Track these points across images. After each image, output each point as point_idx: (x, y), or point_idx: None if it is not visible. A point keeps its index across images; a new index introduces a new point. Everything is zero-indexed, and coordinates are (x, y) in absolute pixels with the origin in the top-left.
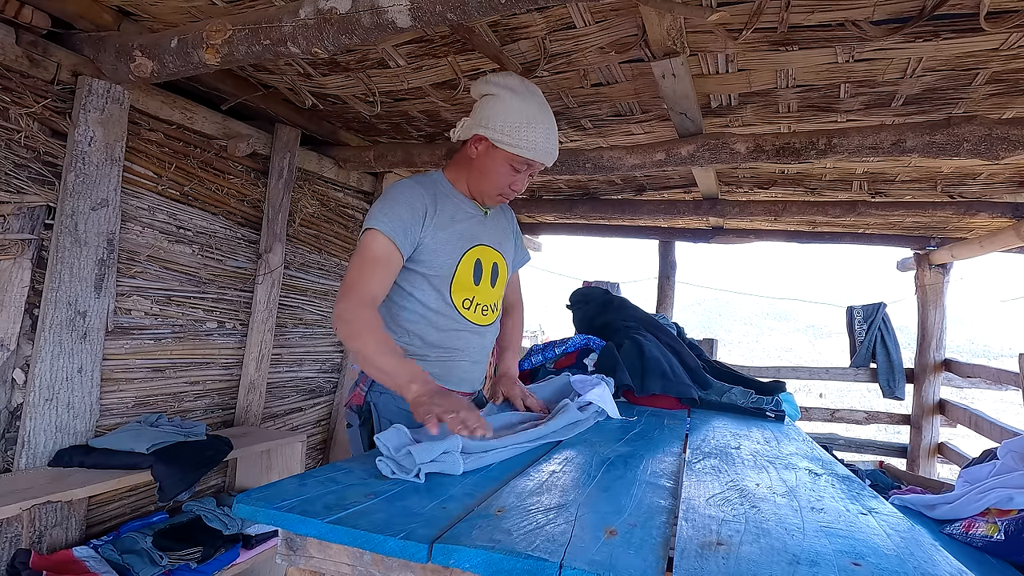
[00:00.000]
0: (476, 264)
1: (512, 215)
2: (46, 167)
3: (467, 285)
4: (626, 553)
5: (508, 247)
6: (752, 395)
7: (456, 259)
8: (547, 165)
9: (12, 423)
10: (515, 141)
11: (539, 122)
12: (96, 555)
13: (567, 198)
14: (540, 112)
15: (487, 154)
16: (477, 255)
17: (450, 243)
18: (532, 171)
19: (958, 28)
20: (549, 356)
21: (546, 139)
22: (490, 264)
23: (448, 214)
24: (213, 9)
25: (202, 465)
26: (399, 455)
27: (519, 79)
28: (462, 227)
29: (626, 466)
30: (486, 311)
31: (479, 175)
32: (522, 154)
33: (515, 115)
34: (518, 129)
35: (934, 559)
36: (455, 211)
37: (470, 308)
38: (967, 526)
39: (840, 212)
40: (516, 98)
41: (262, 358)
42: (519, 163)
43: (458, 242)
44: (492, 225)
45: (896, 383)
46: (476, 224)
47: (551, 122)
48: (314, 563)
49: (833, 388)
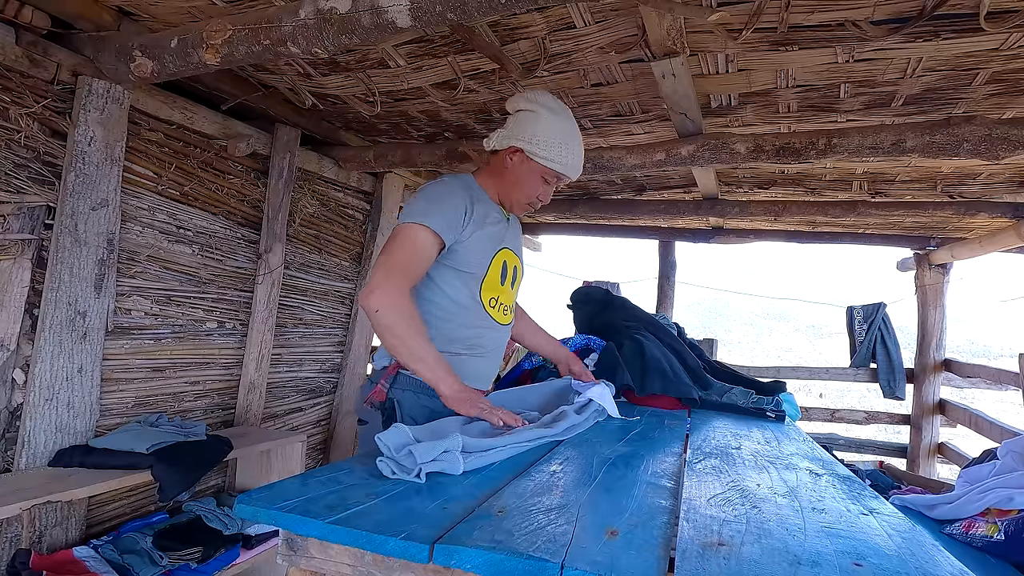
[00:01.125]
0: (503, 265)
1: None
2: (46, 167)
3: (495, 285)
4: (627, 553)
5: (522, 251)
6: (752, 395)
7: (488, 259)
8: (573, 179)
9: (12, 423)
10: (551, 156)
11: (573, 140)
12: (96, 555)
13: (567, 198)
14: (573, 131)
15: (523, 165)
16: (504, 257)
17: (484, 243)
18: (560, 184)
19: (958, 28)
20: None
21: (578, 157)
22: (512, 267)
23: (482, 215)
24: (213, 9)
25: (202, 465)
26: (400, 455)
27: (554, 99)
28: (493, 229)
29: (627, 466)
30: (506, 311)
31: (512, 184)
32: (556, 169)
33: (553, 133)
34: (554, 146)
35: (935, 559)
36: (487, 214)
37: (495, 307)
38: (967, 526)
39: (840, 212)
40: (555, 117)
41: (262, 358)
42: (551, 176)
43: (489, 243)
44: (512, 230)
45: (896, 383)
46: (502, 228)
47: (580, 140)
48: (315, 563)
49: (833, 388)
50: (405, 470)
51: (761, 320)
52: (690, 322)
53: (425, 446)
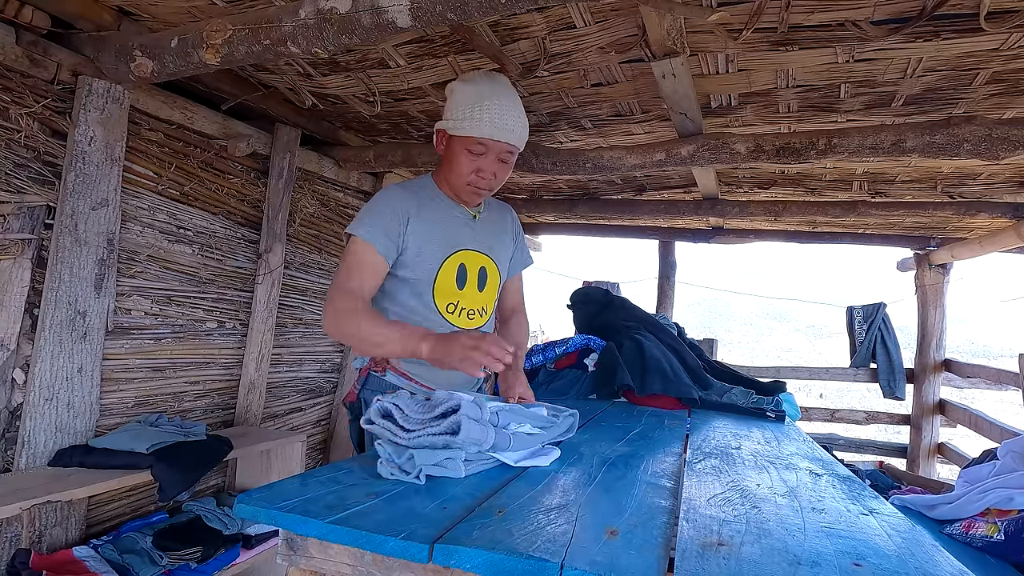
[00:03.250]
0: (460, 269)
1: (512, 217)
2: (46, 167)
3: (450, 290)
4: (627, 553)
5: (501, 250)
6: (752, 395)
7: (438, 264)
8: (508, 143)
9: (12, 423)
10: (464, 123)
11: (490, 100)
12: (96, 555)
13: (567, 198)
14: (492, 91)
15: (448, 146)
16: (461, 260)
17: (431, 248)
18: (498, 155)
19: (958, 28)
20: (549, 356)
21: (499, 115)
22: (476, 268)
23: (431, 218)
24: (213, 9)
25: (202, 465)
26: (401, 460)
27: (481, 72)
28: (446, 230)
29: (627, 466)
30: (472, 315)
31: (447, 169)
32: (473, 134)
33: (466, 99)
34: (467, 110)
35: (935, 559)
36: (440, 215)
37: (455, 313)
38: (967, 526)
39: (840, 212)
40: (467, 85)
41: (262, 358)
42: (473, 145)
43: (440, 246)
44: (482, 228)
45: (896, 383)
46: (461, 227)
47: (507, 99)
48: (315, 563)
49: (833, 388)
50: (404, 472)
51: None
52: (690, 322)
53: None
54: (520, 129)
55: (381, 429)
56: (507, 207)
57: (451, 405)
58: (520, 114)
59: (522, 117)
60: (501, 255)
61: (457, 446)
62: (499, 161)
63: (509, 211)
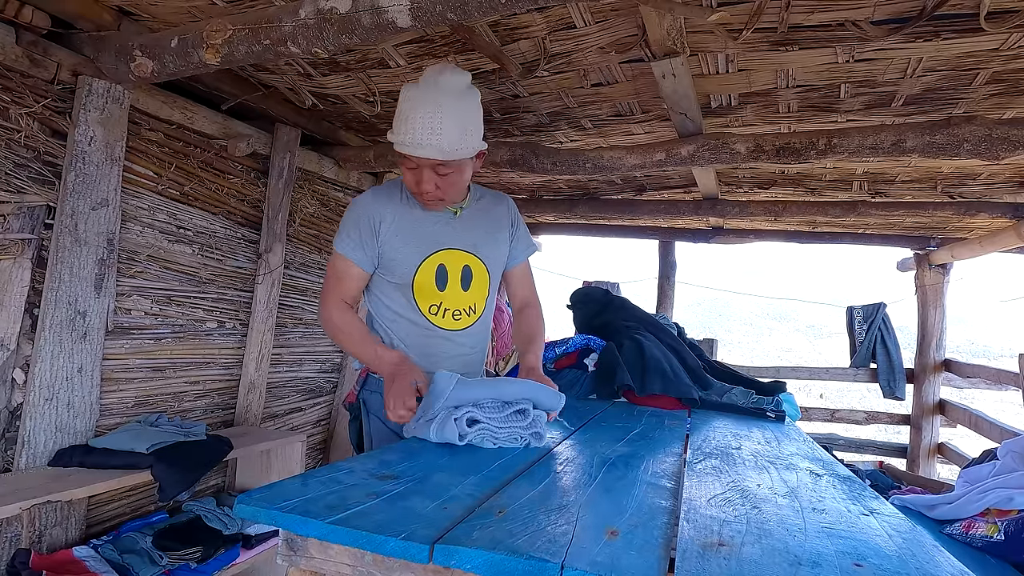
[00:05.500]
0: (439, 269)
1: (508, 207)
2: (46, 167)
3: (430, 291)
4: (628, 554)
5: (489, 246)
6: (752, 395)
7: (414, 267)
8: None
9: (12, 423)
10: (392, 136)
11: (411, 111)
12: (96, 555)
13: (567, 198)
14: (416, 100)
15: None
16: (440, 260)
17: (407, 251)
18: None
19: (958, 28)
20: (549, 356)
21: (414, 129)
22: (458, 268)
23: (407, 221)
24: (213, 9)
25: (202, 465)
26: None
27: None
28: (423, 232)
29: (627, 467)
30: (458, 315)
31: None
32: (396, 148)
33: (398, 108)
34: (395, 122)
35: (936, 560)
36: (417, 216)
37: (438, 314)
38: (967, 526)
39: (840, 212)
40: (404, 91)
41: (262, 358)
42: (403, 159)
43: (416, 249)
44: (465, 226)
45: (896, 383)
46: (442, 227)
47: (426, 110)
48: (315, 563)
49: (833, 388)
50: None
51: (761, 320)
52: (690, 322)
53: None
54: (437, 141)
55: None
56: (503, 197)
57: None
58: (439, 126)
59: (442, 129)
60: (489, 251)
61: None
62: (436, 174)
63: (505, 201)
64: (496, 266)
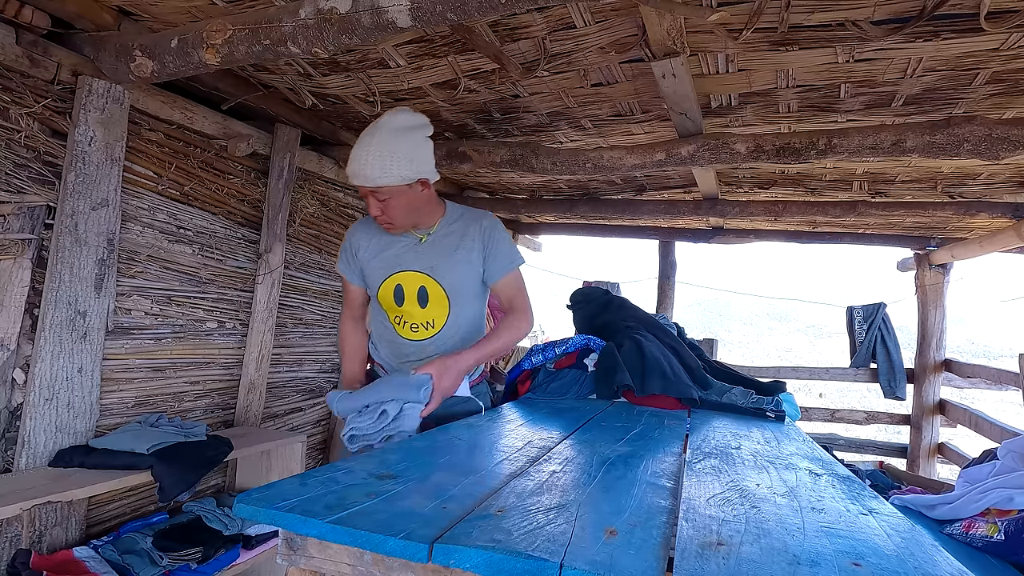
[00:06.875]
0: (396, 288)
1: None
2: (46, 167)
3: (391, 305)
4: (626, 553)
5: (447, 267)
6: (752, 395)
7: (377, 285)
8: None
9: (12, 423)
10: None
11: (356, 145)
12: (96, 555)
13: (567, 198)
14: (363, 136)
15: None
16: (399, 280)
17: (374, 272)
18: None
19: (958, 28)
20: (549, 356)
21: (354, 160)
22: (415, 287)
23: (377, 246)
24: (213, 9)
25: (202, 465)
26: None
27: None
28: (388, 256)
29: (626, 466)
30: (416, 328)
31: None
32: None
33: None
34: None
35: (935, 559)
36: (385, 242)
37: (401, 324)
38: (967, 526)
39: (840, 212)
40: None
41: (262, 358)
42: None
43: (380, 270)
44: (428, 250)
45: (896, 383)
46: (406, 251)
47: (365, 144)
48: (314, 563)
49: (833, 388)
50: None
51: (761, 320)
52: (690, 322)
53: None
54: (364, 170)
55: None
56: (479, 218)
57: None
58: (371, 158)
59: (374, 161)
60: (446, 272)
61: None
62: (377, 199)
63: (479, 222)
64: (457, 286)
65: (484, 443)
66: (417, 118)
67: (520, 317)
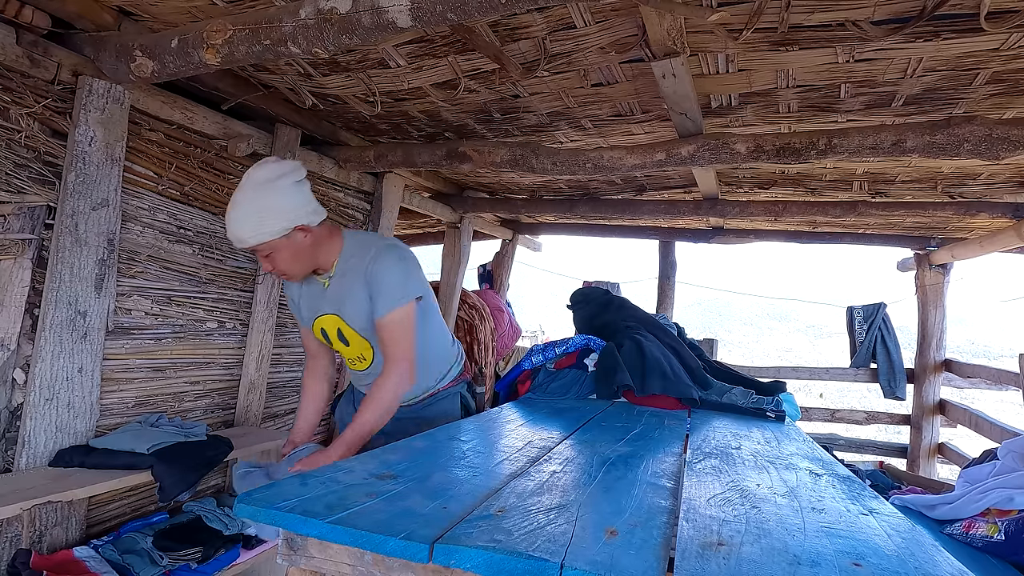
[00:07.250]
0: (322, 331)
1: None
2: (46, 167)
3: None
4: (627, 553)
5: (350, 305)
6: (752, 395)
7: (310, 328)
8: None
9: (12, 423)
10: None
11: (227, 211)
12: (96, 555)
13: (567, 198)
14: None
15: None
16: (321, 324)
17: (305, 317)
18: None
19: (958, 28)
20: (549, 356)
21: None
22: (334, 329)
23: (301, 294)
24: (213, 9)
25: (202, 465)
26: None
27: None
28: (308, 302)
29: (627, 466)
30: (353, 361)
31: None
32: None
33: None
34: None
35: (935, 559)
36: (306, 290)
37: (345, 359)
38: (967, 526)
39: (840, 212)
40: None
41: (262, 358)
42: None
43: (308, 314)
44: (333, 293)
45: (896, 383)
46: (317, 296)
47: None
48: (315, 563)
49: (833, 388)
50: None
51: (761, 320)
52: (690, 322)
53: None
54: (240, 233)
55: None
56: (367, 251)
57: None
58: (240, 219)
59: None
60: (352, 310)
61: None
62: (263, 257)
63: (364, 256)
64: (367, 324)
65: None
66: (281, 167)
67: (389, 373)
